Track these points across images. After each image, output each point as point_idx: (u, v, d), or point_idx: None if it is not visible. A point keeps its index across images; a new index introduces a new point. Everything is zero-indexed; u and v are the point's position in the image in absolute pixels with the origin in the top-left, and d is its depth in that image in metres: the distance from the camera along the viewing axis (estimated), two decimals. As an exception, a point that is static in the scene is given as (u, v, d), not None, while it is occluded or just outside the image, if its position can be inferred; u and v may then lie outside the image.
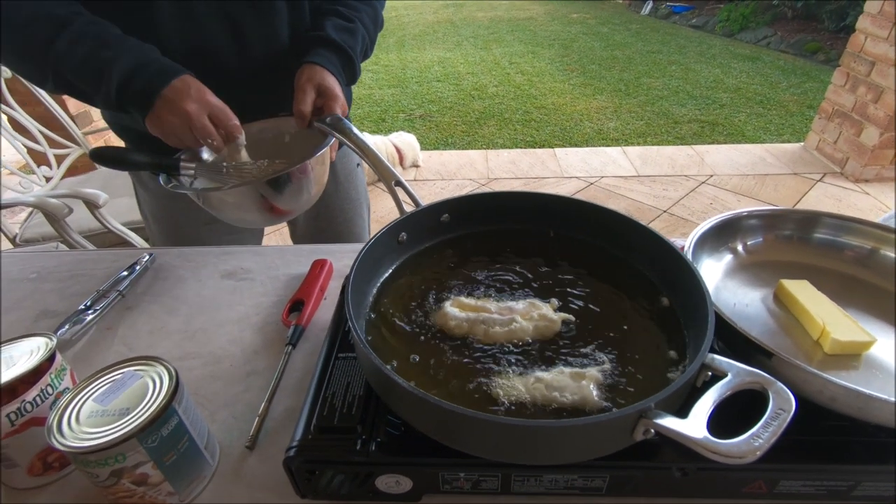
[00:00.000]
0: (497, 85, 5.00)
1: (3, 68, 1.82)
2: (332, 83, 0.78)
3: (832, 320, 0.52)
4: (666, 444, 0.47)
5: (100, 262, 0.91)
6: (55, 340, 0.55)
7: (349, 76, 0.84)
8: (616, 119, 4.14)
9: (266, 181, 0.71)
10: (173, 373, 0.50)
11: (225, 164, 0.76)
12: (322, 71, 0.78)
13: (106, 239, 1.64)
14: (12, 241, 1.67)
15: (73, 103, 2.76)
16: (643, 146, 3.59)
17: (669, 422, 0.36)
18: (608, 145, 3.64)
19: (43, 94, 1.95)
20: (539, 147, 3.65)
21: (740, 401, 0.41)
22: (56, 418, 0.46)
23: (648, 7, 8.13)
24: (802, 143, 3.43)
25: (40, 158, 1.90)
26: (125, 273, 0.85)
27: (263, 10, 0.79)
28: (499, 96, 4.69)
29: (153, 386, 0.49)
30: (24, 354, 0.53)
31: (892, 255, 0.60)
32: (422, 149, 3.36)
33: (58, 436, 0.45)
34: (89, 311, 0.77)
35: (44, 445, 0.53)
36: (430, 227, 0.68)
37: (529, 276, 0.63)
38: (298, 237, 1.21)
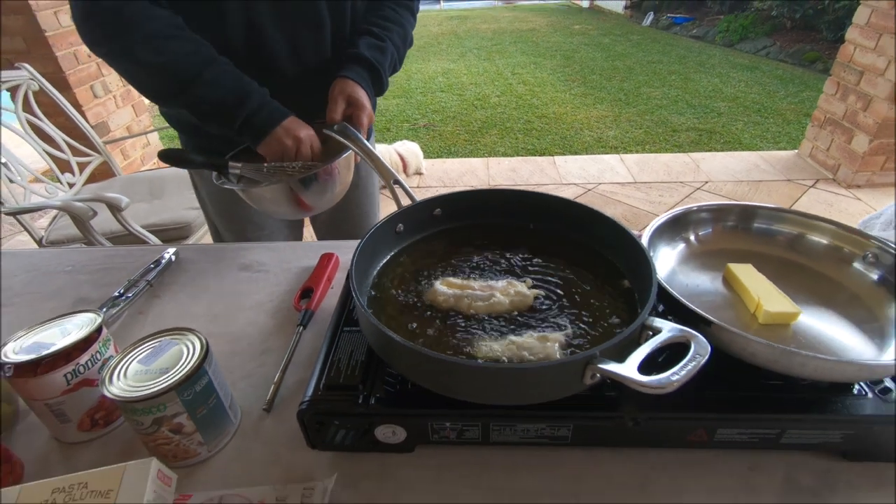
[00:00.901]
0: (499, 95, 5.11)
1: (31, 81, 1.94)
2: (361, 95, 0.89)
3: (766, 296, 0.60)
4: (623, 399, 0.55)
5: (128, 257, 1.01)
6: (102, 316, 0.65)
7: (377, 89, 0.96)
8: (615, 128, 4.23)
9: (297, 179, 0.83)
10: (204, 341, 0.60)
11: (265, 165, 0.86)
12: (353, 84, 0.89)
13: (126, 241, 1.74)
14: (39, 242, 1.78)
15: (92, 114, 2.88)
16: (640, 154, 3.68)
17: (611, 366, 0.45)
18: (607, 153, 3.73)
19: (67, 105, 2.07)
20: (539, 155, 3.74)
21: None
22: (108, 375, 0.56)
23: (650, 18, 8.27)
24: (796, 151, 3.51)
25: (64, 165, 2.02)
26: (152, 266, 0.94)
27: (314, 21, 0.91)
28: (501, 106, 4.80)
29: (187, 351, 0.58)
30: (76, 327, 0.62)
31: (817, 239, 0.69)
32: (425, 157, 3.46)
33: (110, 387, 0.54)
34: (122, 298, 0.86)
35: (92, 403, 0.62)
36: (424, 220, 0.77)
37: (509, 261, 0.72)
38: (318, 226, 1.33)
